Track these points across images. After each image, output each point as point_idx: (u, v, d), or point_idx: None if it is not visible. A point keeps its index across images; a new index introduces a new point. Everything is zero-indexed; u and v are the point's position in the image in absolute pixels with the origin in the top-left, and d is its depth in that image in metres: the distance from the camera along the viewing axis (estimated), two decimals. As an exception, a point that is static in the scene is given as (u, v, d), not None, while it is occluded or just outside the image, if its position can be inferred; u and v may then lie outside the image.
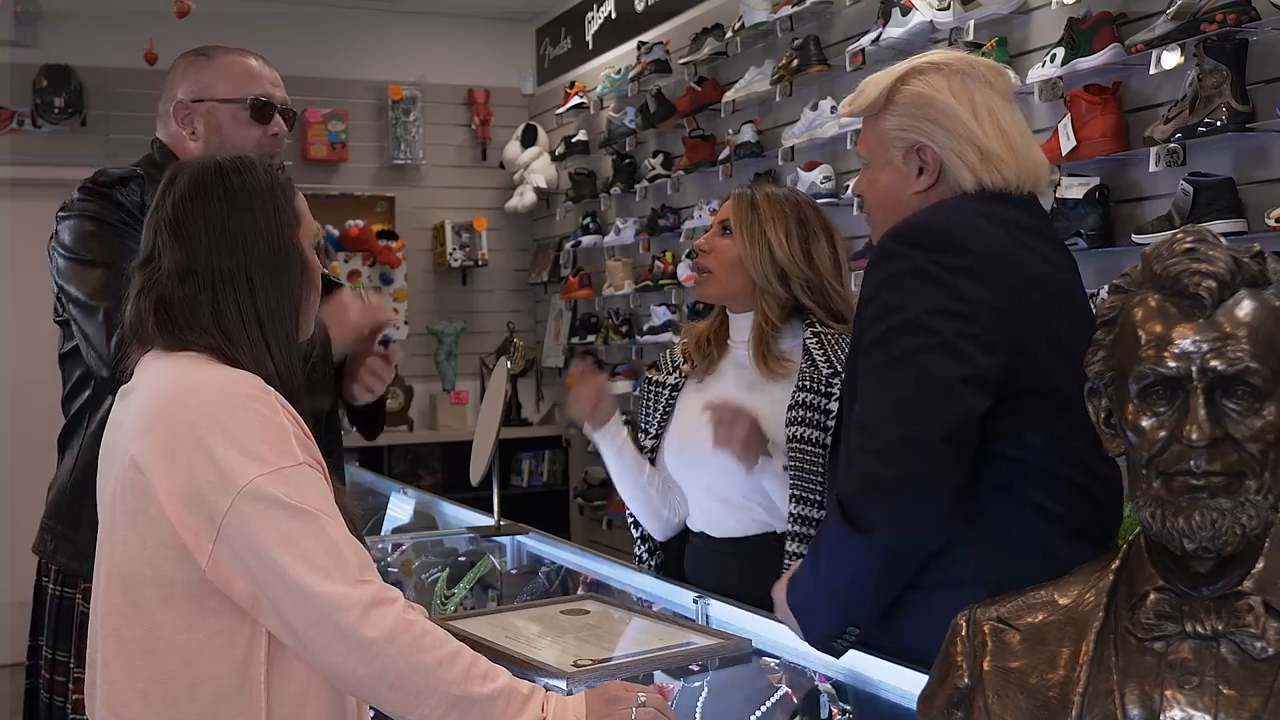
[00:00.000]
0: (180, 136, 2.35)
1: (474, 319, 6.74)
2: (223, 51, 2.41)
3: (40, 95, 5.75)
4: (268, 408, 1.50)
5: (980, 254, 1.67)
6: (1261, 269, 1.16)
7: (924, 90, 1.80)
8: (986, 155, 1.78)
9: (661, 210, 5.36)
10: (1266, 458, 1.12)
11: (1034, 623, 1.23)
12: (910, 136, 1.81)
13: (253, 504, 1.43)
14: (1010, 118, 1.83)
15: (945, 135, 1.79)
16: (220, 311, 1.56)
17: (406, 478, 5.72)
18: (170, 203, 1.60)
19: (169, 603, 1.49)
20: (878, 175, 1.88)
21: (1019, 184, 1.79)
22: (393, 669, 1.42)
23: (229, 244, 1.58)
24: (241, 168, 1.64)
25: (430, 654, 1.44)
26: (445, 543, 3.04)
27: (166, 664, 1.49)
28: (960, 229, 1.69)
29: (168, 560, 1.48)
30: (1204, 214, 2.86)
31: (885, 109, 1.84)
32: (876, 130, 1.86)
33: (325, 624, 1.41)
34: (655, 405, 2.53)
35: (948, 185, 1.80)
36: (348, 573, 1.43)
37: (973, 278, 1.65)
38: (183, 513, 1.46)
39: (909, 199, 1.82)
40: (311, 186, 6.33)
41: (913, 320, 1.64)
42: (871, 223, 1.96)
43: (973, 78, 1.82)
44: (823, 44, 4.35)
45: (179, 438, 1.47)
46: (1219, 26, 2.86)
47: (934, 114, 1.79)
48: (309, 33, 6.28)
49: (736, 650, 1.93)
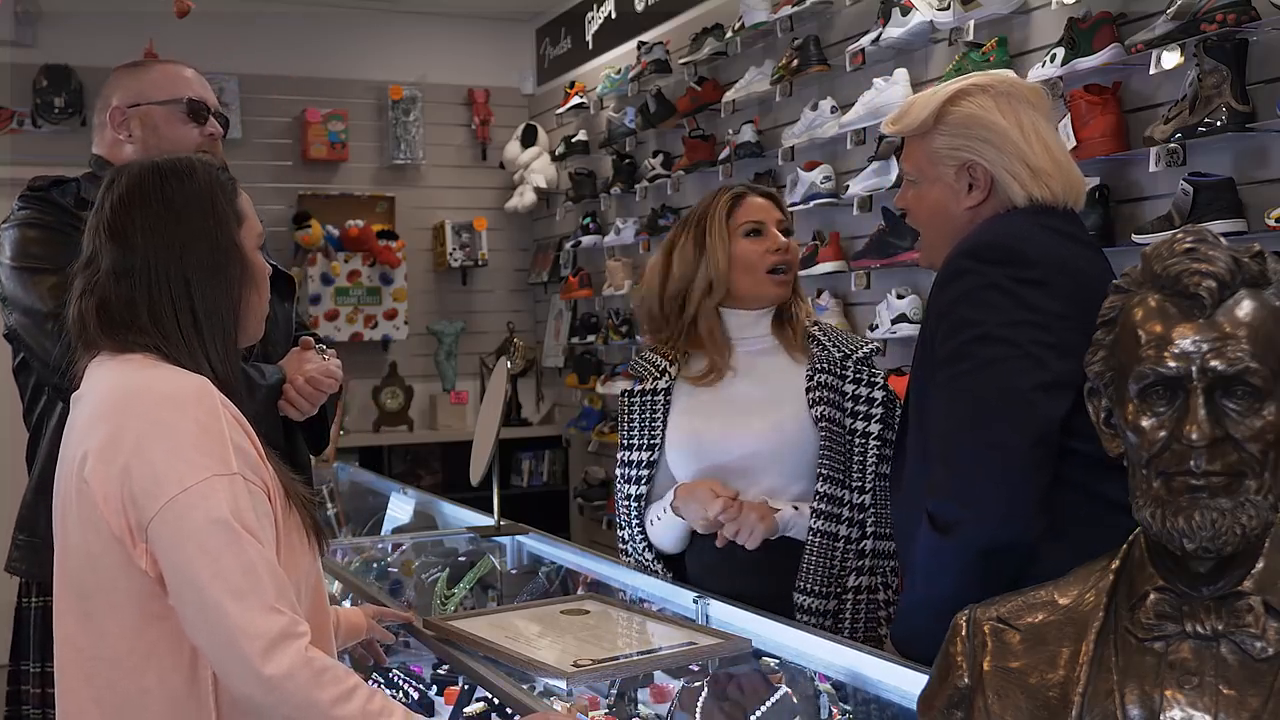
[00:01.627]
0: (117, 143, 2.38)
1: (474, 319, 6.73)
2: (155, 61, 2.51)
3: (40, 95, 5.75)
4: (209, 414, 1.49)
5: (1046, 265, 1.77)
6: (1261, 269, 1.16)
7: (974, 111, 1.91)
8: (1036, 171, 1.88)
9: (661, 210, 5.36)
10: (1266, 458, 1.12)
11: (1034, 623, 1.23)
12: (962, 155, 1.91)
13: (180, 514, 1.43)
14: (1054, 136, 1.94)
15: (996, 153, 1.89)
16: (155, 311, 1.56)
17: (406, 478, 5.72)
18: (109, 204, 1.60)
19: (115, 609, 1.49)
20: (926, 191, 1.97)
21: (1064, 198, 1.90)
22: (290, 703, 1.41)
23: (166, 244, 1.57)
24: (180, 168, 1.63)
25: (327, 691, 1.42)
26: (445, 543, 3.04)
27: (116, 671, 1.49)
28: (1025, 243, 1.79)
29: (110, 567, 1.48)
30: (1204, 214, 2.86)
31: (934, 129, 1.93)
32: (925, 148, 1.95)
33: (230, 648, 1.41)
34: (649, 413, 2.43)
35: (998, 200, 1.90)
36: (262, 598, 1.42)
37: (1042, 289, 1.75)
38: (117, 516, 1.46)
39: (960, 214, 1.93)
40: (311, 186, 6.34)
41: (990, 332, 1.73)
42: (922, 238, 2.05)
43: (1017, 98, 1.93)
44: (823, 44, 4.34)
45: (119, 442, 1.47)
46: (1219, 26, 2.86)
47: (985, 133, 1.90)
48: (309, 33, 6.28)
49: (736, 650, 1.93)
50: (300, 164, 6.31)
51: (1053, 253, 1.79)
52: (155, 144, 2.33)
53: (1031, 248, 1.78)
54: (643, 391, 2.45)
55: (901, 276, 3.97)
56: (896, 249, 3.86)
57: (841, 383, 2.31)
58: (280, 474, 1.59)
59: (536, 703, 1.74)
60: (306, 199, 6.26)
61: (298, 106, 6.21)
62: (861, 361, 2.36)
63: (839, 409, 2.29)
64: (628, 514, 2.48)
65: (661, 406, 2.42)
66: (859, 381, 2.33)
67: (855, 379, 2.33)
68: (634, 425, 2.45)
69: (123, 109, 2.38)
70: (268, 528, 1.50)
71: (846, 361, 2.34)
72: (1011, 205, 1.88)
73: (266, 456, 1.57)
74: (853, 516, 2.27)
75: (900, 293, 3.90)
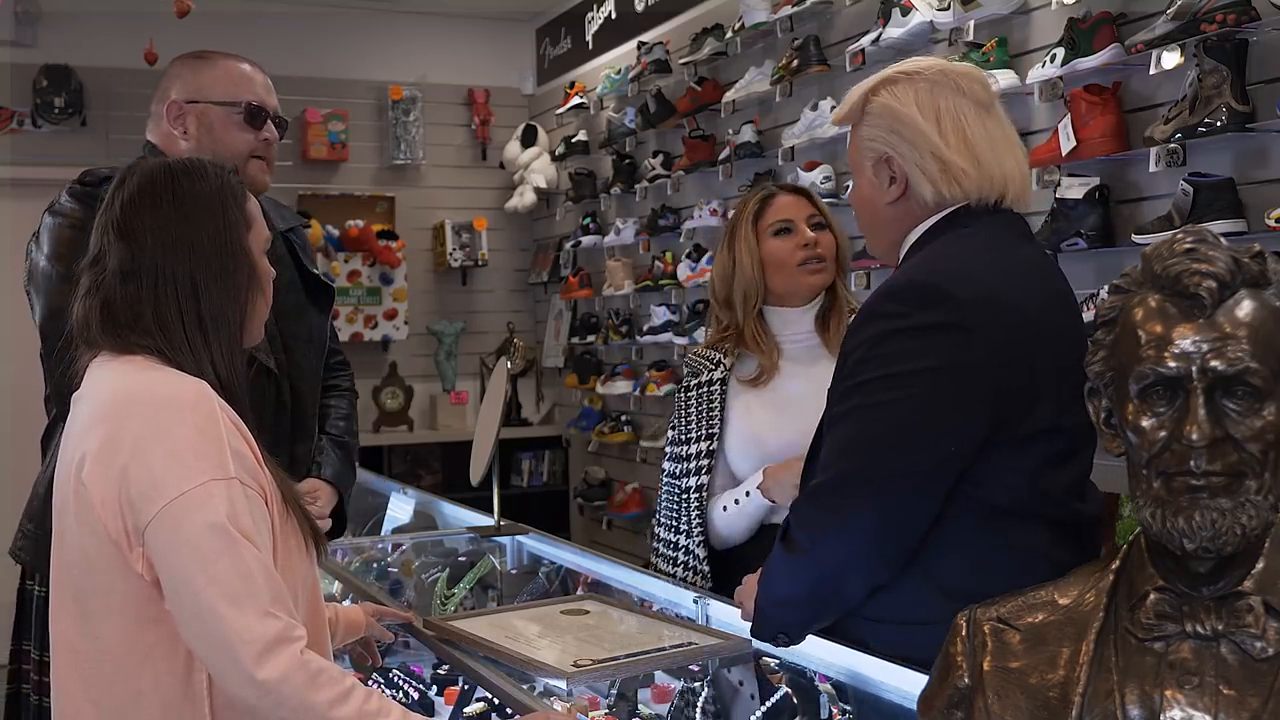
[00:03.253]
0: (172, 137, 2.35)
1: (474, 319, 6.73)
2: (220, 56, 2.41)
3: (40, 95, 5.75)
4: (207, 418, 1.49)
5: (972, 307, 1.68)
6: (1261, 269, 1.16)
7: (889, 102, 1.84)
8: (947, 167, 1.79)
9: (661, 210, 5.36)
10: (1266, 458, 1.12)
11: (1034, 623, 1.23)
12: (878, 147, 1.85)
13: (176, 519, 1.43)
14: (981, 128, 1.82)
15: (908, 147, 1.81)
16: (160, 313, 1.56)
17: (406, 478, 5.72)
18: (119, 203, 1.60)
19: (111, 613, 1.49)
20: (857, 183, 1.92)
21: (980, 196, 1.80)
22: (286, 706, 1.41)
23: (174, 245, 1.57)
24: (192, 170, 1.63)
25: (324, 693, 1.42)
26: (445, 543, 3.04)
27: (114, 673, 1.49)
28: (956, 282, 1.70)
29: (107, 570, 1.48)
30: (1204, 214, 2.85)
31: (861, 119, 1.88)
32: (855, 139, 1.90)
33: (225, 651, 1.41)
34: (706, 404, 2.46)
35: (914, 196, 1.82)
36: (258, 603, 1.42)
37: (959, 333, 1.67)
38: (114, 519, 1.46)
39: (883, 209, 1.86)
40: (311, 186, 6.34)
41: (895, 374, 1.68)
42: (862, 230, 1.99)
43: (942, 86, 1.83)
44: (823, 44, 4.34)
45: (117, 445, 1.47)
46: (1219, 26, 2.86)
47: (898, 125, 1.82)
48: (309, 33, 6.28)
49: (736, 650, 1.93)
50: (300, 164, 6.32)
51: (980, 288, 1.70)
52: (209, 144, 2.30)
53: (962, 288, 1.69)
54: (698, 384, 2.49)
55: (901, 276, 3.97)
56: (896, 249, 3.86)
57: None
58: (278, 478, 1.58)
59: (536, 703, 1.74)
60: (306, 199, 6.27)
61: (298, 106, 6.21)
62: None
63: None
64: (683, 506, 2.45)
65: (719, 397, 2.45)
66: None
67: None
68: (690, 418, 2.48)
69: (180, 104, 2.33)
70: (264, 532, 1.50)
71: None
72: (925, 202, 1.81)
73: (264, 461, 1.57)
74: None
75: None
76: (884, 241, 1.91)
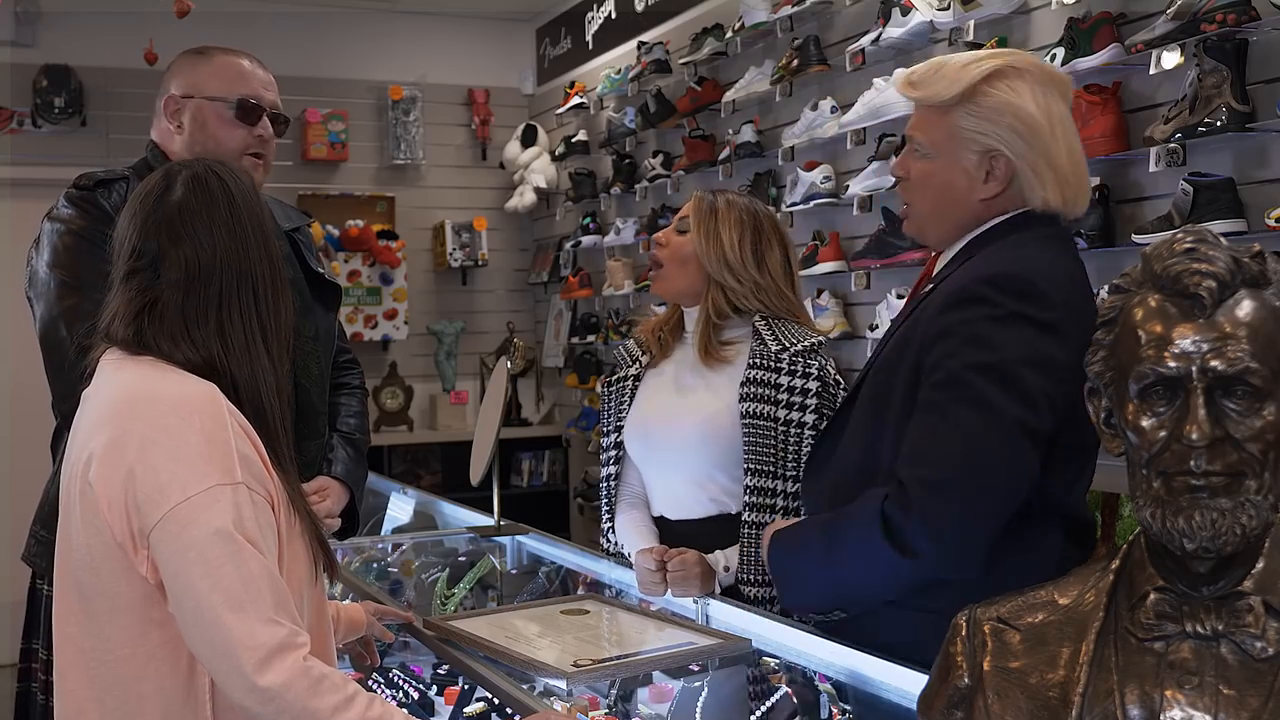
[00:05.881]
0: (168, 133, 2.34)
1: (474, 319, 6.73)
2: (220, 51, 2.39)
3: (40, 95, 5.75)
4: (215, 422, 1.48)
5: (1063, 309, 1.68)
6: (1261, 269, 1.16)
7: (1010, 98, 1.77)
8: (1059, 174, 1.77)
9: (661, 210, 5.36)
10: (1266, 458, 1.12)
11: (1034, 623, 1.23)
12: (989, 142, 1.78)
13: (181, 523, 1.42)
14: (1076, 137, 1.82)
15: (1025, 147, 1.77)
16: (223, 321, 1.55)
17: (406, 478, 5.72)
18: (171, 205, 1.58)
19: (116, 613, 1.49)
20: (939, 168, 1.83)
21: (1074, 207, 1.80)
22: (289, 713, 1.41)
23: (235, 255, 1.57)
24: (235, 173, 1.64)
25: (326, 699, 1.42)
26: (445, 543, 3.04)
27: (118, 674, 1.49)
28: (1046, 281, 1.69)
29: (112, 572, 1.48)
30: (1204, 214, 2.85)
31: (961, 105, 1.79)
32: (947, 124, 1.81)
33: (228, 658, 1.40)
34: (620, 400, 2.55)
35: (1013, 196, 1.79)
36: (261, 610, 1.41)
37: (1054, 335, 1.66)
38: (120, 521, 1.46)
39: (972, 204, 1.81)
40: (311, 186, 6.34)
41: (1000, 366, 1.65)
42: (913, 208, 1.91)
43: (1049, 87, 1.79)
44: (823, 44, 4.34)
45: (124, 446, 1.46)
46: (1219, 26, 2.86)
47: (1018, 124, 1.77)
48: (309, 33, 6.28)
49: (736, 650, 1.93)
50: (300, 164, 6.31)
51: (1072, 297, 1.70)
52: (201, 141, 2.29)
53: (1053, 288, 1.69)
54: (619, 379, 2.59)
55: (901, 276, 3.97)
56: (896, 249, 3.86)
57: (776, 375, 2.36)
58: (285, 483, 1.58)
59: (536, 703, 1.74)
60: (306, 199, 6.26)
61: (298, 106, 6.21)
62: (799, 354, 2.38)
63: (771, 403, 2.34)
64: (605, 493, 2.57)
65: (629, 392, 2.55)
66: (794, 373, 2.36)
67: (790, 370, 2.36)
68: (608, 410, 2.59)
69: (176, 98, 2.32)
70: (270, 538, 1.50)
71: (782, 354, 2.37)
72: (1024, 203, 1.78)
73: (273, 467, 1.57)
74: (787, 505, 2.32)
75: (900, 293, 3.89)
76: (948, 229, 1.85)
